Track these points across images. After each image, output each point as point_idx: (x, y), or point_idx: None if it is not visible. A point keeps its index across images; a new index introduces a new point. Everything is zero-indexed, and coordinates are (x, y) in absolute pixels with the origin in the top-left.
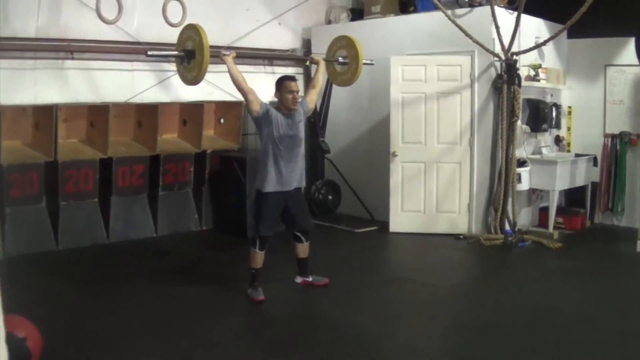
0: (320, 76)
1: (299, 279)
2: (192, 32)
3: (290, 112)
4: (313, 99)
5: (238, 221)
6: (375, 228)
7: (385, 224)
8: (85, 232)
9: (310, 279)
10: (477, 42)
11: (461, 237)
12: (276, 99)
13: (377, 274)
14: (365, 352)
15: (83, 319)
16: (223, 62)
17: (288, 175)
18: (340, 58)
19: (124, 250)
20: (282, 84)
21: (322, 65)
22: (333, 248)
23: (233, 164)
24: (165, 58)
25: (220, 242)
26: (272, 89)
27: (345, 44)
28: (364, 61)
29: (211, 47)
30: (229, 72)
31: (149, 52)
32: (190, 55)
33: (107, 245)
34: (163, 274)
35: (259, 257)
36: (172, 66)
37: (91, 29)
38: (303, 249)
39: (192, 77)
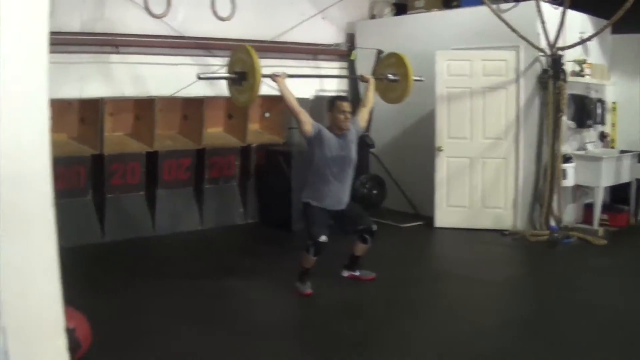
0: (371, 95)
1: (345, 273)
2: (243, 54)
3: (342, 132)
4: (365, 118)
5: (283, 215)
6: (420, 223)
7: (430, 219)
8: (131, 224)
9: (358, 273)
10: (522, 37)
11: (506, 232)
12: (319, 93)
13: (422, 269)
14: (411, 347)
15: (129, 310)
16: (275, 83)
17: (339, 195)
18: (390, 75)
19: (169, 242)
20: (334, 104)
21: (373, 83)
22: (378, 243)
23: (278, 158)
24: (216, 67)
25: (266, 236)
26: (316, 83)
27: (394, 61)
28: (414, 78)
29: (256, 41)
30: (281, 93)
31: (201, 76)
32: (242, 77)
33: (153, 237)
34: (208, 266)
35: (311, 261)
36: (217, 60)
37: (135, 23)
38: (363, 249)
39: (244, 99)
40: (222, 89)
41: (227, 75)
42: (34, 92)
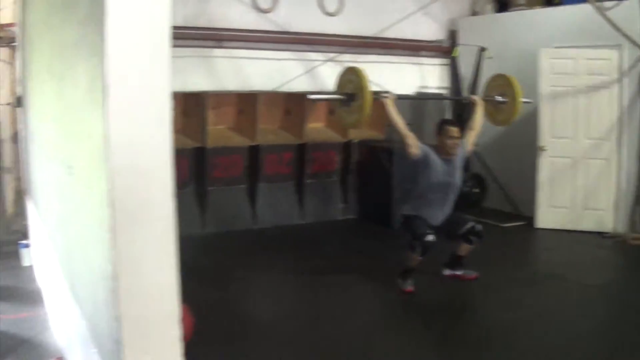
0: (480, 117)
1: (447, 272)
2: (352, 75)
3: (450, 157)
4: (472, 141)
5: (383, 211)
6: (521, 223)
7: (530, 219)
8: (232, 217)
9: (460, 272)
10: (626, 36)
11: (607, 235)
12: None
13: (523, 269)
14: (511, 348)
15: (228, 302)
16: (383, 105)
17: (438, 216)
18: (497, 97)
19: (270, 236)
20: (444, 128)
21: (481, 105)
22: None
23: (379, 154)
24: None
25: (365, 231)
26: (418, 79)
27: (502, 82)
28: (523, 100)
29: (359, 37)
30: (389, 114)
31: (311, 97)
32: (351, 98)
33: (254, 230)
34: (307, 261)
35: (416, 260)
36: (320, 55)
37: (237, 18)
38: (467, 249)
39: (354, 120)
40: (324, 84)
41: (336, 96)
42: (156, 85)
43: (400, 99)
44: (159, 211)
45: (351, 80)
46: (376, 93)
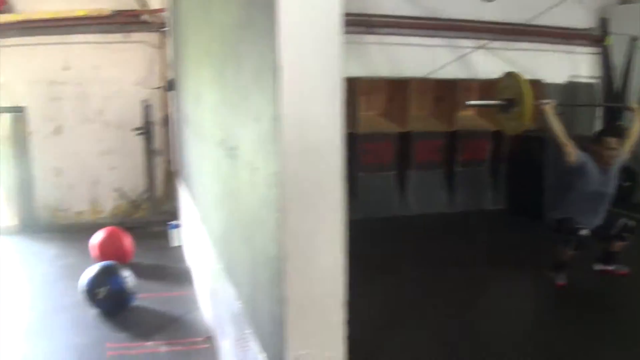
0: (638, 126)
1: (599, 266)
2: (512, 81)
3: (607, 167)
4: (628, 150)
5: (534, 203)
6: None
7: None
8: (381, 203)
9: (612, 267)
10: None
11: None
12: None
13: None
14: None
15: (372, 289)
16: (542, 112)
17: (589, 223)
18: None
19: (418, 223)
20: (602, 140)
21: None
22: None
23: (531, 144)
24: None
25: (515, 222)
26: (569, 68)
27: None
28: None
29: (509, 24)
30: (548, 123)
31: (469, 103)
32: (510, 104)
33: (403, 217)
34: (457, 250)
35: (569, 255)
36: (471, 42)
37: (389, 4)
38: (620, 246)
39: (514, 126)
40: (476, 71)
41: (495, 102)
42: (329, 67)
43: (560, 105)
44: (329, 193)
45: (511, 86)
46: (535, 99)
